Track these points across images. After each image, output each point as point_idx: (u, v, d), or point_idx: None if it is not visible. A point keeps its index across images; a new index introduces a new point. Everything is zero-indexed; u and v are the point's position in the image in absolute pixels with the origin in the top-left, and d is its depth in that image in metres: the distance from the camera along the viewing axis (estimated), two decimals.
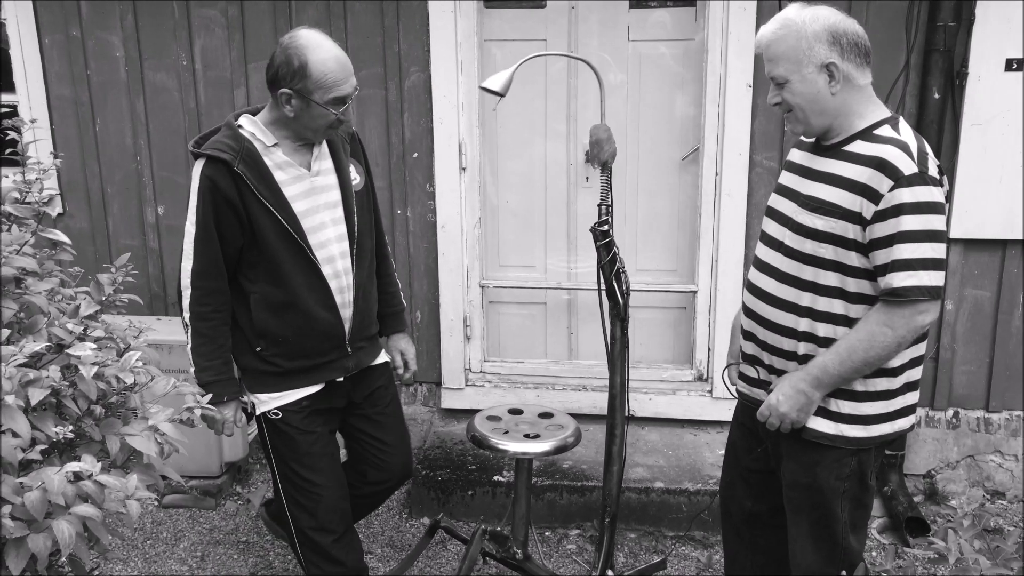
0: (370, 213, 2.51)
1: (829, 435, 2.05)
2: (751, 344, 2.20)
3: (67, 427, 1.48)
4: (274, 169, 2.28)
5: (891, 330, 1.91)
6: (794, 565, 2.23)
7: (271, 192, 2.26)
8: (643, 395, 3.72)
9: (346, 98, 2.23)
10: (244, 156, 2.23)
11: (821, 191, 1.99)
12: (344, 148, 2.43)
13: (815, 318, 2.02)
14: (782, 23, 1.97)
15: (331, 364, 2.45)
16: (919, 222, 1.86)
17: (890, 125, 1.95)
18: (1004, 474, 3.58)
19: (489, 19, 3.64)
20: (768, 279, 2.11)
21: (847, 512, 2.11)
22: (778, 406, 2.05)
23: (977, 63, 3.19)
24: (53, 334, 1.57)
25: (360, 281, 2.44)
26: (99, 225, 3.88)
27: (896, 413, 2.06)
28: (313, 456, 2.45)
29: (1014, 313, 3.43)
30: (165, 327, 3.54)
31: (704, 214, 3.59)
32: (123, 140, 3.78)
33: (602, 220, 2.35)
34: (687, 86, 3.60)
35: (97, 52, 3.69)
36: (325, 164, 2.39)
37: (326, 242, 2.36)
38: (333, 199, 2.38)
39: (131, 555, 3.26)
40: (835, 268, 1.97)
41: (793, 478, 2.15)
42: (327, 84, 2.18)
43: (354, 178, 2.44)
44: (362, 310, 2.46)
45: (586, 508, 3.35)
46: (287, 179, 2.30)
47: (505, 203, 3.83)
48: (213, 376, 2.34)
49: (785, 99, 2.00)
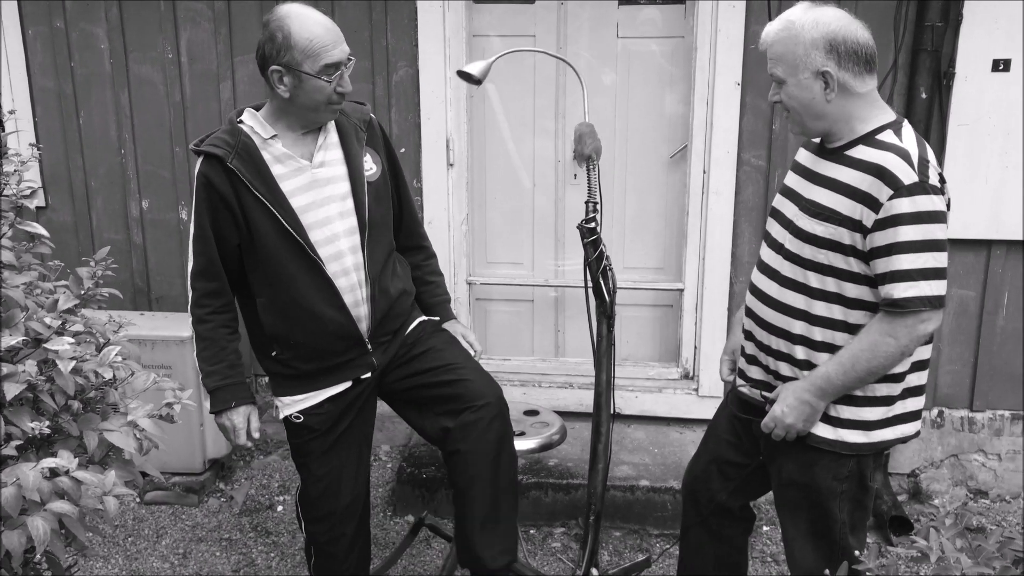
0: (388, 204, 2.35)
1: (829, 440, 2.04)
2: (751, 344, 2.19)
3: (43, 422, 1.45)
4: (272, 163, 2.17)
5: (894, 340, 1.90)
6: (792, 564, 2.22)
7: (267, 187, 2.14)
8: (629, 393, 3.72)
9: (338, 64, 2.10)
10: (239, 151, 2.14)
11: (822, 196, 1.98)
12: (358, 136, 2.28)
13: (812, 322, 2.01)
14: (784, 24, 1.94)
15: (353, 362, 2.31)
16: (918, 232, 1.84)
17: (893, 130, 1.92)
18: (987, 473, 3.59)
19: (478, 14, 3.62)
20: (769, 281, 2.10)
21: (846, 513, 2.10)
22: (783, 418, 2.03)
23: (964, 63, 3.20)
24: (30, 328, 1.54)
25: (375, 275, 2.28)
26: (82, 219, 3.84)
27: (898, 418, 2.04)
28: (331, 460, 2.35)
29: (998, 313, 3.45)
30: (148, 322, 3.53)
31: (691, 212, 3.59)
32: (107, 133, 3.74)
33: (589, 217, 2.35)
34: (676, 84, 3.60)
35: (81, 44, 3.65)
36: (332, 154, 2.24)
37: (333, 237, 2.22)
38: (340, 191, 2.23)
39: (112, 552, 3.23)
40: (834, 274, 1.96)
41: (790, 477, 2.14)
42: (314, 50, 2.07)
43: (369, 168, 2.28)
44: (380, 306, 2.30)
45: (571, 506, 3.34)
46: (286, 172, 2.18)
47: (493, 199, 3.82)
48: (218, 381, 2.25)
49: (783, 99, 1.99)
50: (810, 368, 2.03)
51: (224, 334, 2.27)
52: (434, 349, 2.39)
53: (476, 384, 2.31)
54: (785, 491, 2.18)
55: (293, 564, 3.17)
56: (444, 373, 2.33)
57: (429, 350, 2.38)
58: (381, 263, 2.30)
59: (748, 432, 2.25)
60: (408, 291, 2.41)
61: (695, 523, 2.44)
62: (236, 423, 2.27)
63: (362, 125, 2.30)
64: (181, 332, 3.43)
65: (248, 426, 2.29)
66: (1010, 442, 3.56)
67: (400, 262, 2.43)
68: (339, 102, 2.17)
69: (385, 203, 2.33)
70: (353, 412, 2.36)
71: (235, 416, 2.27)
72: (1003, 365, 3.49)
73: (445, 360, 2.36)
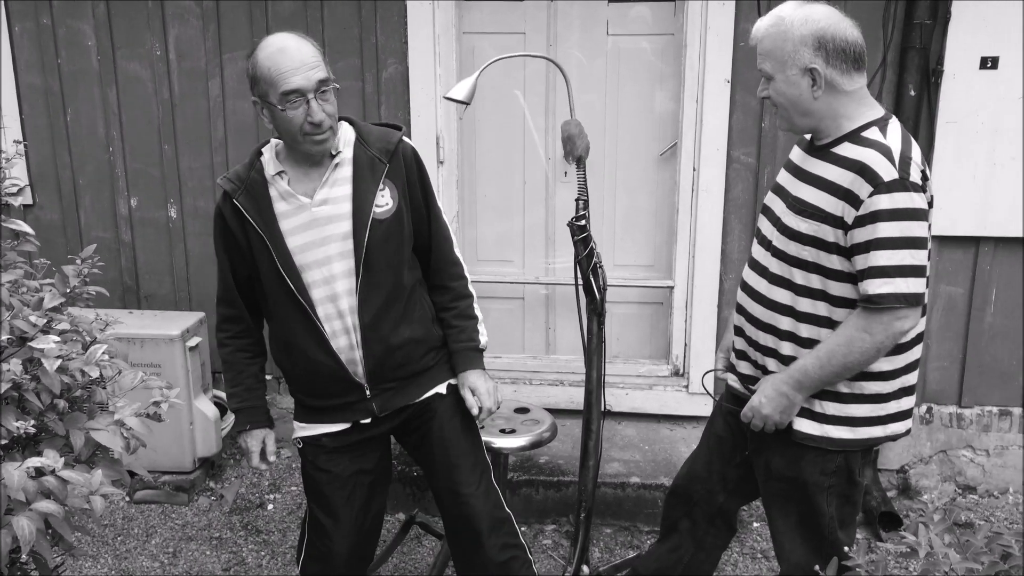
0: (401, 241, 2.18)
1: (814, 436, 2.06)
2: (740, 340, 2.21)
3: (29, 421, 1.44)
4: (276, 200, 2.12)
5: (869, 336, 1.91)
6: (781, 559, 2.24)
7: (267, 226, 2.10)
8: (620, 390, 3.72)
9: (300, 91, 1.95)
10: (248, 186, 2.12)
11: (807, 193, 1.99)
12: (373, 168, 2.13)
13: (798, 319, 2.03)
14: (775, 20, 1.96)
15: (352, 406, 2.24)
16: (896, 229, 1.85)
17: (879, 127, 1.93)
18: (975, 469, 3.61)
19: (468, 12, 3.61)
20: (759, 278, 2.11)
21: (834, 507, 2.12)
22: (760, 408, 2.06)
23: (952, 61, 3.21)
24: (15, 326, 1.53)
25: (366, 321, 2.15)
26: (70, 217, 3.82)
27: (889, 417, 2.06)
28: (324, 497, 2.29)
29: (986, 310, 3.46)
30: (137, 321, 3.51)
31: (681, 210, 3.59)
32: (95, 131, 3.72)
33: (579, 215, 2.34)
34: (666, 81, 3.60)
35: (68, 41, 3.63)
36: (338, 190, 2.12)
37: (330, 278, 2.13)
38: (342, 230, 2.11)
39: (101, 551, 3.22)
40: (818, 271, 1.97)
41: (778, 471, 2.16)
42: (273, 78, 1.96)
43: (382, 204, 2.13)
44: (376, 354, 2.18)
45: (562, 503, 3.34)
46: (287, 210, 2.12)
47: (483, 197, 3.82)
48: (237, 403, 2.29)
49: (771, 95, 2.00)
50: None
51: (242, 358, 2.29)
52: (440, 446, 2.29)
53: (476, 508, 2.27)
54: (773, 485, 2.20)
55: (283, 563, 3.16)
56: (446, 484, 2.29)
57: (435, 447, 2.30)
58: (376, 307, 2.16)
59: (740, 427, 2.26)
60: (420, 339, 2.26)
61: (683, 523, 2.45)
62: (250, 446, 2.29)
63: (383, 155, 2.14)
64: (170, 330, 3.41)
65: (264, 448, 2.30)
66: (998, 438, 3.57)
67: (421, 304, 2.29)
68: (316, 133, 2.02)
69: (396, 240, 2.17)
70: (353, 454, 2.29)
71: (250, 439, 2.29)
72: (991, 361, 3.51)
73: (449, 466, 2.29)
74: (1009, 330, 3.46)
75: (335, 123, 2.07)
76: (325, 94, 2.00)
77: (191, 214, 3.77)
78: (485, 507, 2.30)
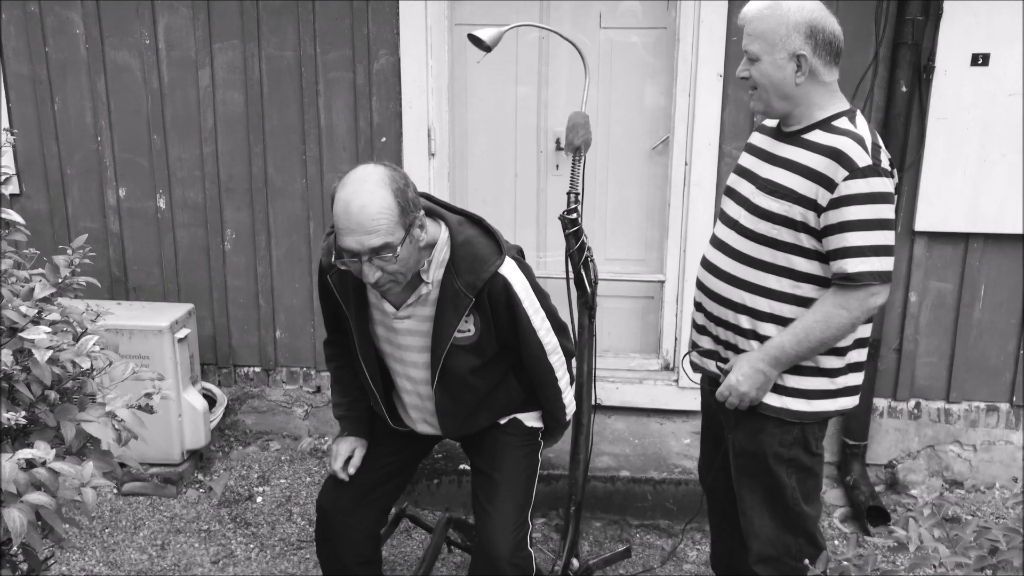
0: (481, 363, 2.20)
1: (774, 407, 2.15)
2: (700, 315, 2.31)
3: (19, 413, 1.43)
4: (369, 292, 2.18)
5: (847, 311, 2.01)
6: (749, 534, 2.29)
7: (353, 310, 2.20)
8: (610, 384, 3.72)
9: (352, 252, 1.92)
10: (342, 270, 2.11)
11: (779, 175, 2.08)
12: (456, 301, 2.10)
13: (759, 293, 2.12)
14: (770, 4, 2.03)
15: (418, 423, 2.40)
16: (870, 211, 1.97)
17: (848, 118, 2.05)
18: (963, 464, 3.64)
19: (460, 4, 3.60)
20: (720, 255, 2.21)
21: (795, 480, 2.20)
22: (738, 386, 2.13)
23: (944, 57, 3.22)
24: (6, 317, 1.52)
25: (447, 408, 2.27)
26: (58, 206, 3.78)
27: (839, 392, 2.16)
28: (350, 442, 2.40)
29: (975, 306, 3.48)
30: (126, 312, 3.48)
31: (673, 204, 3.59)
32: (83, 120, 3.69)
33: (571, 208, 2.34)
34: (658, 75, 3.60)
35: (56, 29, 3.59)
36: (423, 311, 2.16)
37: (410, 377, 2.28)
38: (421, 344, 2.20)
39: (89, 544, 3.20)
40: (785, 248, 2.07)
41: (741, 445, 2.24)
42: (336, 227, 1.94)
43: (465, 330, 2.14)
44: (450, 427, 2.34)
45: (552, 497, 3.35)
46: (374, 303, 2.21)
47: (475, 190, 3.81)
48: (341, 412, 2.42)
49: (753, 76, 2.07)
50: (755, 337, 2.13)
51: (346, 374, 2.39)
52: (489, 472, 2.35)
53: (494, 530, 2.28)
54: (738, 461, 2.27)
55: (273, 555, 3.15)
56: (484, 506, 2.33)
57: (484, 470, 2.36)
58: (453, 402, 2.26)
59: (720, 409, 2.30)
60: (498, 415, 2.36)
61: (718, 517, 2.56)
62: (339, 449, 2.37)
63: (469, 290, 2.09)
64: (159, 322, 3.39)
65: (350, 457, 2.37)
66: (985, 433, 3.60)
67: (507, 393, 2.32)
68: (377, 286, 2.01)
69: (477, 362, 2.20)
70: (399, 442, 2.43)
71: (342, 443, 2.38)
72: (979, 357, 3.53)
73: (483, 497, 2.34)
74: (997, 326, 3.48)
75: (404, 274, 2.03)
76: (385, 258, 1.94)
77: (180, 205, 3.74)
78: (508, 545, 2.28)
